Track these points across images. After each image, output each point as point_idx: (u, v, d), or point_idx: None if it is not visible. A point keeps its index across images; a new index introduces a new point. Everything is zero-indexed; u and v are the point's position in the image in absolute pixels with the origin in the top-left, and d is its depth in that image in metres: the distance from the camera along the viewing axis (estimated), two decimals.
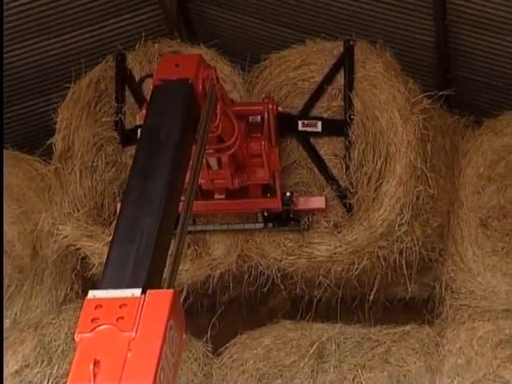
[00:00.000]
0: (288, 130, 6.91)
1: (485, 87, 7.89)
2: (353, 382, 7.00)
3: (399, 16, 7.37)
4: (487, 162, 7.51)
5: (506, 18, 6.96)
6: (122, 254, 4.60)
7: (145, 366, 4.10)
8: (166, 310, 4.25)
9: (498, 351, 7.02)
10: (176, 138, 5.16)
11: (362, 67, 6.91)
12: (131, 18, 7.91)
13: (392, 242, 6.71)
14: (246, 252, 7.00)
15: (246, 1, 7.55)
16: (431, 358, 7.11)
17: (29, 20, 7.58)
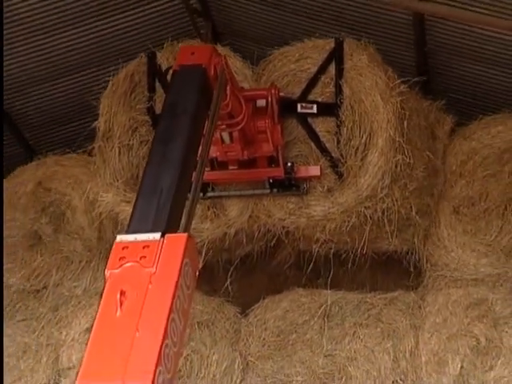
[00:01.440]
0: (289, 111, 7.15)
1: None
2: (353, 336, 7.45)
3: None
4: (458, 161, 7.88)
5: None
6: (145, 205, 4.81)
7: (163, 295, 4.29)
8: (181, 250, 4.44)
9: (469, 312, 7.40)
10: (191, 112, 5.39)
11: (349, 59, 7.18)
12: (155, 7, 8.01)
13: (375, 202, 6.95)
14: (255, 213, 7.24)
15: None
16: (415, 318, 7.52)
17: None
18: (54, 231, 8.01)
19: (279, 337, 7.70)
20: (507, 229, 7.68)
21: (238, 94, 6.40)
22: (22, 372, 7.64)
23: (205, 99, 5.61)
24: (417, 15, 7.19)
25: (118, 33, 8.07)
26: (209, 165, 6.97)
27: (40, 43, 7.96)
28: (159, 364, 4.05)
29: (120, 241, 4.48)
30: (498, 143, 7.79)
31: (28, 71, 8.36)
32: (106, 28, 7.97)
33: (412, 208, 7.27)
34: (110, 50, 8.21)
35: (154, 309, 4.24)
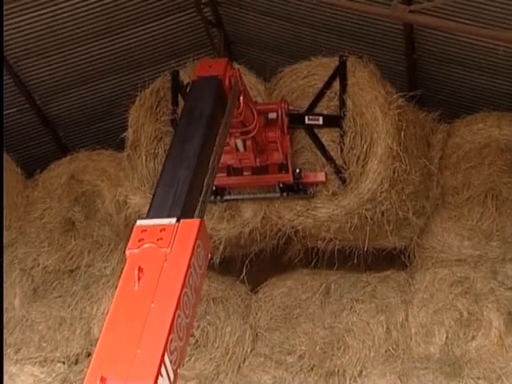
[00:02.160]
0: (297, 123, 7.21)
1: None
2: (350, 310, 7.60)
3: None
4: (444, 155, 7.95)
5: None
6: (163, 194, 4.88)
7: (176, 272, 4.33)
8: (194, 233, 4.51)
9: (453, 288, 7.55)
10: (207, 116, 5.47)
11: (352, 76, 7.24)
12: (174, 19, 8.12)
13: (375, 205, 6.99)
14: (267, 214, 7.28)
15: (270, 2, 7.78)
16: (405, 294, 7.66)
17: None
18: (85, 218, 8.20)
19: (285, 311, 7.85)
20: (487, 215, 7.76)
21: (250, 104, 6.45)
22: (59, 342, 7.81)
23: (220, 105, 5.70)
24: (407, 25, 7.30)
25: (142, 42, 8.15)
26: (225, 171, 7.05)
27: (71, 52, 8.07)
28: (171, 331, 4.10)
29: (140, 225, 4.58)
30: (479, 139, 7.83)
31: (61, 77, 8.44)
32: (130, 38, 8.06)
33: (409, 209, 7.28)
34: (135, 57, 8.30)
35: (169, 283, 4.30)
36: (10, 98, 8.53)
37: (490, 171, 7.83)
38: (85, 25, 7.76)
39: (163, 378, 3.95)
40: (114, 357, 3.97)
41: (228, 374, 7.78)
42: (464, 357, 7.48)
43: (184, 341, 4.28)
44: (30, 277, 8.25)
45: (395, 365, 7.42)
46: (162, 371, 3.95)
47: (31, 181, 8.64)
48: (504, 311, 7.44)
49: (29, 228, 8.44)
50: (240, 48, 8.71)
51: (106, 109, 7.76)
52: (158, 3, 7.80)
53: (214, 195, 7.17)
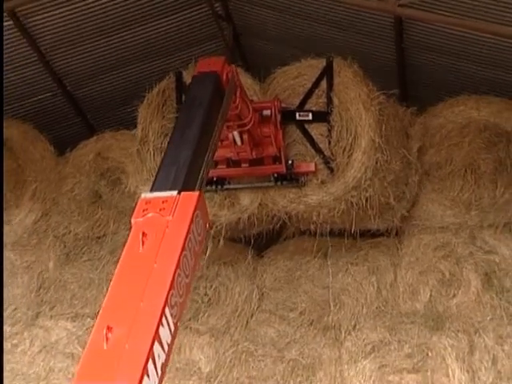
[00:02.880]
0: (289, 119, 7.23)
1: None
2: (345, 272, 7.79)
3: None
4: (427, 135, 7.96)
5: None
6: (166, 172, 4.96)
7: (177, 236, 4.41)
8: (194, 204, 4.61)
9: (436, 252, 7.69)
10: (205, 106, 5.55)
11: (338, 76, 7.26)
12: (188, 13, 8.16)
13: (360, 192, 7.04)
14: (263, 201, 7.30)
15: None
16: (394, 258, 7.85)
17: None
18: (110, 191, 8.39)
19: (287, 273, 8.03)
20: (467, 187, 7.83)
21: (245, 99, 6.49)
22: (88, 300, 8.03)
23: (217, 97, 5.76)
24: (396, 17, 7.34)
25: (160, 34, 8.21)
26: (225, 163, 7.09)
27: (98, 42, 8.15)
28: (172, 288, 4.16)
29: (144, 197, 4.68)
30: (460, 119, 7.84)
31: (89, 65, 8.51)
32: (150, 30, 8.13)
33: (390, 195, 7.30)
34: (154, 48, 8.34)
35: (170, 246, 4.36)
36: (43, 84, 8.67)
37: (469, 148, 7.87)
38: (110, 18, 7.86)
39: (164, 328, 4.01)
40: (120, 309, 4.02)
41: (237, 328, 7.90)
42: (446, 312, 7.56)
43: (183, 297, 4.32)
44: (62, 243, 8.41)
45: (385, 319, 7.57)
46: (163, 322, 4.00)
47: (62, 158, 8.74)
48: (481, 272, 7.57)
49: (61, 199, 8.57)
50: (247, 40, 8.76)
51: (128, 93, 7.83)
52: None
53: (214, 185, 7.24)
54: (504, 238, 7.67)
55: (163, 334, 3.99)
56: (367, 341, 7.41)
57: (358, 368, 7.37)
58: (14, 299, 8.18)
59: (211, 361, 7.80)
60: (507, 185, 7.73)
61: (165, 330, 4.02)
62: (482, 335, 7.23)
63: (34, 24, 7.76)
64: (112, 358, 3.78)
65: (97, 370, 3.78)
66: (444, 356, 7.15)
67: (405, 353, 7.25)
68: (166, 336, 4.02)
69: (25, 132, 8.71)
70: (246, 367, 7.70)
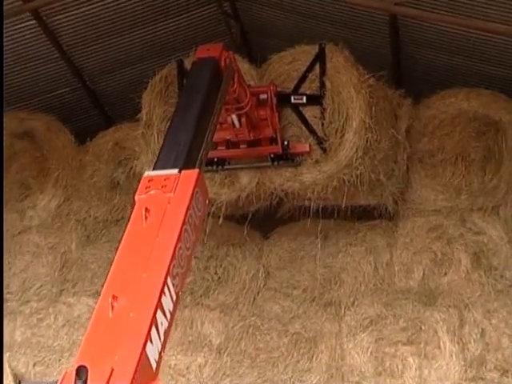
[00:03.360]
0: (285, 102, 7.19)
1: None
2: (344, 252, 7.91)
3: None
4: (421, 124, 8.02)
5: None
6: (167, 152, 4.94)
7: (178, 211, 4.39)
8: (194, 181, 4.57)
9: (429, 234, 7.85)
10: (205, 89, 5.52)
11: (330, 61, 7.22)
12: (198, 12, 8.15)
13: (351, 170, 7.03)
14: (261, 180, 7.30)
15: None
16: (390, 239, 7.96)
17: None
18: (127, 178, 8.42)
19: (291, 253, 8.15)
20: (458, 173, 7.93)
21: (243, 84, 6.45)
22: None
23: (216, 81, 5.73)
24: (392, 15, 7.39)
25: (173, 31, 8.25)
26: (225, 145, 7.06)
27: (115, 40, 8.19)
28: (173, 259, 4.13)
29: (147, 175, 4.64)
30: (451, 110, 7.92)
31: (107, 61, 8.54)
32: (164, 28, 8.17)
33: (380, 172, 7.30)
34: (167, 44, 8.38)
35: (171, 221, 4.33)
36: (64, 79, 8.69)
37: (460, 137, 7.95)
38: (125, 17, 7.87)
39: (166, 297, 3.99)
40: (124, 280, 3.99)
41: (245, 304, 8.06)
42: (437, 289, 7.73)
43: (184, 269, 4.30)
44: (83, 226, 8.51)
45: (381, 296, 7.75)
46: (166, 291, 3.98)
47: (83, 147, 8.82)
48: (471, 252, 7.74)
49: (81, 186, 8.65)
50: (254, 36, 8.76)
51: (143, 87, 7.66)
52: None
53: (215, 165, 7.23)
54: (492, 221, 7.80)
55: (165, 302, 3.98)
56: (365, 316, 7.56)
57: (357, 341, 7.58)
58: (40, 277, 8.34)
59: (221, 334, 7.95)
60: (495, 171, 7.84)
61: (167, 299, 4.01)
62: (471, 310, 7.40)
63: (56, 23, 7.78)
64: (117, 326, 3.76)
65: (102, 336, 3.75)
66: (436, 329, 7.33)
67: (400, 326, 7.43)
68: (168, 304, 4.01)
69: (48, 123, 8.76)
70: (253, 340, 7.89)
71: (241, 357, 7.81)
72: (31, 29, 7.71)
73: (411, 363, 7.39)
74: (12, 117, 8.63)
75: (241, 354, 7.83)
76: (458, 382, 7.27)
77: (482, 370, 7.29)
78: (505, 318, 7.37)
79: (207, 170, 7.04)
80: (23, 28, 7.68)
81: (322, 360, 7.64)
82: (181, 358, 7.86)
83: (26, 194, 8.70)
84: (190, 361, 7.86)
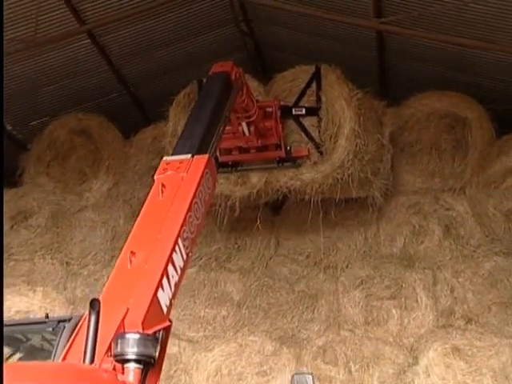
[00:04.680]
0: (287, 113, 7.24)
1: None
2: (340, 226, 8.05)
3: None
4: (402, 120, 8.01)
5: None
6: (183, 142, 4.96)
7: (189, 187, 4.39)
8: (204, 164, 4.61)
9: (408, 210, 8.10)
10: (217, 95, 5.55)
11: (324, 78, 7.31)
12: (220, 31, 8.24)
13: (343, 170, 7.10)
14: (268, 179, 7.33)
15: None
16: (377, 214, 8.02)
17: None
18: None
19: (297, 227, 8.31)
20: (432, 161, 8.15)
21: (250, 96, 6.42)
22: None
23: (226, 90, 5.75)
24: (378, 32, 7.53)
25: (198, 46, 8.34)
26: (238, 150, 7.04)
27: (154, 54, 8.28)
28: (184, 225, 4.11)
29: (165, 160, 4.67)
30: (427, 109, 8.10)
31: (147, 71, 8.63)
32: (191, 44, 8.31)
33: (368, 171, 7.31)
34: (194, 57, 8.42)
35: (183, 194, 4.33)
36: (112, 86, 8.73)
37: (434, 131, 8.12)
38: (163, 35, 7.86)
39: (177, 254, 3.96)
40: (142, 239, 3.98)
41: (259, 268, 8.26)
42: (415, 254, 7.97)
43: (194, 234, 4.25)
44: (129, 205, 8.55)
45: (370, 260, 8.02)
46: (176, 249, 3.96)
47: (128, 142, 8.90)
48: (442, 224, 8.00)
49: (127, 173, 8.72)
50: (266, 51, 8.85)
51: (177, 93, 7.64)
52: (210, 19, 7.99)
53: (230, 167, 7.22)
54: (460, 199, 8.01)
55: (176, 258, 3.94)
56: (357, 276, 7.91)
57: (350, 296, 7.79)
58: (95, 246, 8.45)
59: (240, 292, 8.10)
60: (462, 158, 8.03)
61: (177, 256, 3.97)
62: (443, 271, 7.78)
63: (106, 41, 7.94)
64: (134, 275, 3.73)
65: (121, 284, 3.72)
66: (414, 287, 7.69)
67: (385, 285, 7.79)
68: (178, 261, 3.97)
69: (100, 122, 8.86)
70: (266, 296, 8.06)
71: (256, 310, 8.01)
72: (86, 46, 7.92)
73: (394, 314, 7.64)
74: (72, 118, 8.83)
75: (256, 307, 8.02)
76: (432, 328, 7.50)
77: (451, 319, 7.55)
78: (470, 277, 7.64)
79: (224, 171, 7.14)
80: (79, 46, 7.89)
81: (322, 312, 7.89)
82: (208, 310, 8.02)
83: (83, 179, 8.83)
84: (215, 313, 8.01)
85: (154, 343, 3.39)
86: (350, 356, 7.45)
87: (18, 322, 4.30)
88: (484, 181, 7.87)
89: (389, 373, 7.38)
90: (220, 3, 7.79)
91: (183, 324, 7.96)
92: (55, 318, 3.94)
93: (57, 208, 8.62)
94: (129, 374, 3.25)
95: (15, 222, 8.55)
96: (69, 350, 3.40)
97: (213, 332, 7.95)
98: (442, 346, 7.12)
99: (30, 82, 8.22)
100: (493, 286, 7.55)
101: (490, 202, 7.82)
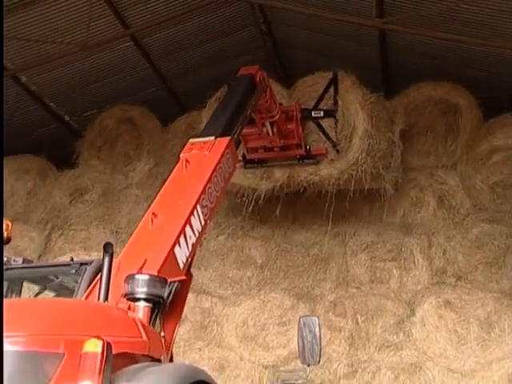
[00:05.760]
0: (307, 116, 7.22)
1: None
2: (349, 200, 7.50)
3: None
4: (402, 107, 8.02)
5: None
6: (209, 127, 5.05)
7: (210, 163, 4.40)
8: (225, 144, 4.63)
9: (408, 187, 8.07)
10: (242, 92, 5.63)
11: (341, 83, 7.27)
12: (242, 33, 8.17)
13: (358, 167, 7.11)
14: (290, 174, 7.31)
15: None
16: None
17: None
18: None
19: (312, 202, 8.01)
20: (428, 141, 8.26)
21: (273, 97, 6.39)
22: None
23: (250, 90, 5.80)
24: (381, 30, 7.52)
25: (226, 45, 8.36)
26: (263, 149, 7.01)
27: (189, 52, 8.35)
28: (203, 194, 4.07)
29: (191, 141, 4.75)
30: (423, 97, 8.12)
31: (180, 68, 8.72)
32: (220, 44, 8.33)
33: (379, 167, 7.27)
34: (223, 55, 8.41)
35: (204, 169, 4.36)
36: (152, 82, 8.78)
37: (429, 116, 8.22)
38: (197, 35, 7.87)
39: (195, 218, 3.94)
40: (164, 205, 3.99)
41: (279, 236, 8.39)
42: (413, 223, 8.16)
43: (213, 204, 4.21)
44: None
45: (374, 228, 8.17)
46: (195, 214, 3.92)
47: (165, 129, 8.98)
48: (436, 196, 8.18)
49: (165, 155, 8.73)
50: (283, 49, 8.79)
51: (207, 86, 7.61)
52: (234, 22, 8.09)
53: (256, 164, 7.21)
54: (452, 174, 8.16)
55: (194, 222, 3.89)
56: (363, 242, 8.13)
57: (357, 259, 8.03)
58: (139, 218, 6.49)
59: (263, 256, 8.32)
60: (454, 139, 8.18)
61: (195, 220, 3.91)
62: (437, 236, 7.99)
63: (147, 42, 8.05)
64: (154, 233, 3.73)
65: (142, 241, 3.72)
66: (412, 250, 7.92)
67: (387, 249, 8.01)
68: (196, 225, 3.91)
69: (142, 113, 9.01)
70: (285, 259, 8.28)
71: (276, 271, 8.19)
72: (128, 48, 8.09)
73: (394, 273, 7.88)
74: (118, 109, 9.01)
75: (276, 269, 8.19)
76: (427, 285, 7.72)
77: (443, 277, 7.76)
78: (460, 241, 7.84)
79: (251, 167, 7.20)
80: (123, 48, 8.06)
81: (333, 272, 8.08)
82: (235, 271, 8.27)
83: (128, 161, 9.01)
84: (242, 274, 8.26)
85: (163, 284, 3.33)
86: (357, 309, 7.66)
87: (46, 264, 4.27)
88: (472, 158, 7.98)
89: (390, 323, 7.60)
90: (242, 8, 7.89)
91: (214, 283, 8.21)
92: (79, 260, 3.93)
93: (107, 186, 8.86)
94: (139, 311, 3.23)
95: (73, 198, 8.84)
96: (92, 290, 3.38)
97: (239, 290, 8.14)
98: (435, 299, 7.34)
99: (83, 79, 8.46)
100: (479, 249, 7.74)
101: (478, 176, 7.94)
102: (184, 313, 7.35)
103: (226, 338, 7.69)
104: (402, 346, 7.32)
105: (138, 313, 3.24)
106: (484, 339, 7.05)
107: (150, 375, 2.60)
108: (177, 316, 3.64)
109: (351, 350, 7.49)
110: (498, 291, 7.40)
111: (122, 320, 3.03)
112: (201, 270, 8.16)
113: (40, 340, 2.53)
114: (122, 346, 2.70)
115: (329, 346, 7.46)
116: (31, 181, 9.00)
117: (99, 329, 2.71)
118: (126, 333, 2.91)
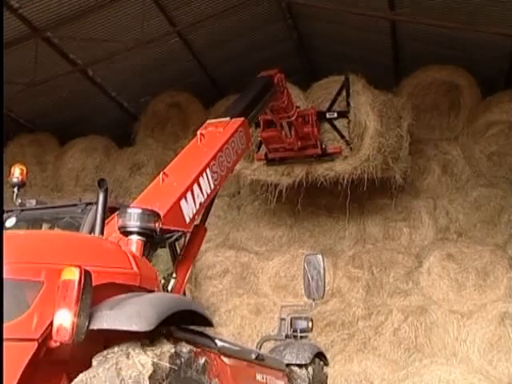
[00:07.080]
0: (322, 117, 7.06)
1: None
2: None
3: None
4: (410, 88, 8.02)
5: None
6: (226, 111, 4.90)
7: (223, 137, 4.25)
8: (238, 123, 4.46)
9: (416, 157, 7.84)
10: (258, 89, 5.42)
11: (352, 86, 7.09)
12: (269, 27, 8.17)
13: (369, 163, 6.96)
14: (308, 170, 7.17)
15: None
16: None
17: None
18: None
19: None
20: (434, 117, 8.22)
21: (290, 98, 6.08)
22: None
23: (266, 88, 5.55)
24: (391, 21, 7.54)
25: (257, 41, 8.37)
26: (284, 149, 6.80)
27: (228, 45, 8.27)
28: (213, 160, 3.92)
29: (208, 121, 4.59)
30: (429, 79, 8.11)
31: (220, 60, 8.69)
32: (249, 38, 8.32)
33: (389, 161, 7.10)
34: (253, 47, 8.50)
35: (217, 140, 4.23)
36: (194, 72, 8.80)
37: (434, 95, 8.22)
38: (231, 30, 7.92)
39: (204, 179, 3.78)
40: (177, 166, 3.90)
41: (306, 200, 7.80)
42: (420, 187, 8.19)
43: (224, 173, 4.05)
44: None
45: (386, 193, 7.92)
46: (204, 176, 3.77)
47: (207, 111, 8.64)
48: (441, 165, 8.23)
49: None
50: (308, 41, 8.72)
51: (243, 72, 7.54)
52: (265, 17, 8.10)
53: (277, 161, 7.07)
54: (454, 145, 8.27)
55: (203, 183, 3.74)
56: (377, 204, 8.13)
57: (372, 219, 8.13)
58: None
59: (291, 217, 8.29)
60: (455, 116, 8.25)
61: (204, 181, 3.74)
62: (441, 199, 8.21)
63: (192, 37, 8.17)
64: (164, 189, 3.62)
65: (152, 195, 3.60)
66: (420, 211, 8.16)
67: (398, 210, 8.20)
68: (205, 186, 3.76)
69: (187, 98, 9.02)
70: (311, 220, 8.31)
71: (304, 230, 8.31)
72: (175, 43, 8.25)
73: (405, 232, 8.10)
74: (167, 95, 9.05)
75: (303, 228, 8.31)
76: (432, 241, 7.93)
77: (446, 234, 7.98)
78: (460, 203, 8.02)
79: (273, 164, 7.11)
80: (171, 43, 8.19)
81: (352, 232, 8.22)
82: (268, 231, 8.44)
83: (177, 139, 8.81)
84: (274, 233, 8.43)
85: (156, 218, 3.07)
86: (372, 262, 7.82)
87: (53, 205, 4.12)
88: (472, 131, 8.05)
89: (400, 273, 7.72)
90: (272, 4, 7.95)
91: (251, 241, 8.46)
92: (85, 201, 3.80)
93: (159, 161, 8.74)
94: (132, 244, 3.00)
95: (132, 171, 9.01)
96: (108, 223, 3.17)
97: (272, 247, 8.32)
98: (439, 253, 7.51)
99: (138, 71, 8.67)
100: (478, 209, 7.85)
101: (477, 147, 8.01)
102: (226, 266, 7.81)
103: (262, 287, 7.93)
104: (411, 292, 7.49)
105: (131, 246, 3.01)
106: (480, 285, 7.21)
107: (134, 304, 2.41)
108: (189, 261, 3.60)
109: (367, 296, 7.67)
110: (493, 245, 7.56)
111: (110, 251, 2.81)
112: (239, 230, 8.44)
113: (20, 268, 2.36)
114: (108, 276, 2.55)
115: (348, 293, 7.69)
116: (98, 157, 9.20)
117: (82, 259, 2.51)
118: (114, 264, 2.70)
